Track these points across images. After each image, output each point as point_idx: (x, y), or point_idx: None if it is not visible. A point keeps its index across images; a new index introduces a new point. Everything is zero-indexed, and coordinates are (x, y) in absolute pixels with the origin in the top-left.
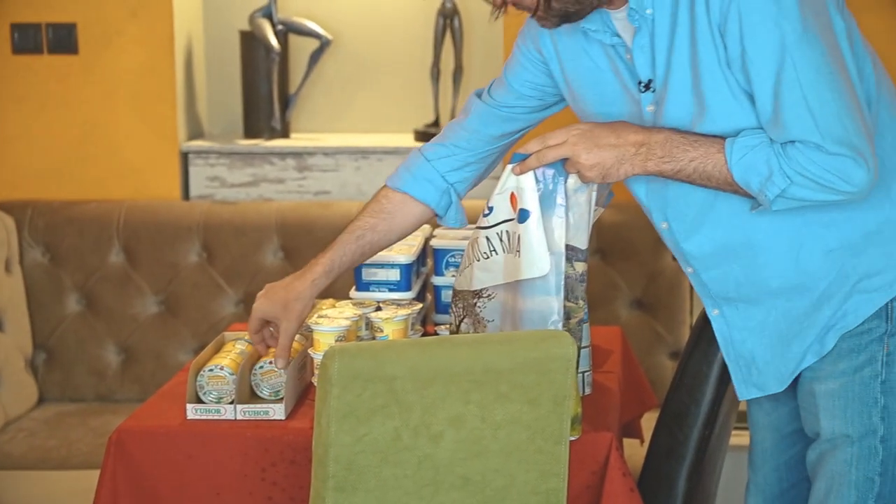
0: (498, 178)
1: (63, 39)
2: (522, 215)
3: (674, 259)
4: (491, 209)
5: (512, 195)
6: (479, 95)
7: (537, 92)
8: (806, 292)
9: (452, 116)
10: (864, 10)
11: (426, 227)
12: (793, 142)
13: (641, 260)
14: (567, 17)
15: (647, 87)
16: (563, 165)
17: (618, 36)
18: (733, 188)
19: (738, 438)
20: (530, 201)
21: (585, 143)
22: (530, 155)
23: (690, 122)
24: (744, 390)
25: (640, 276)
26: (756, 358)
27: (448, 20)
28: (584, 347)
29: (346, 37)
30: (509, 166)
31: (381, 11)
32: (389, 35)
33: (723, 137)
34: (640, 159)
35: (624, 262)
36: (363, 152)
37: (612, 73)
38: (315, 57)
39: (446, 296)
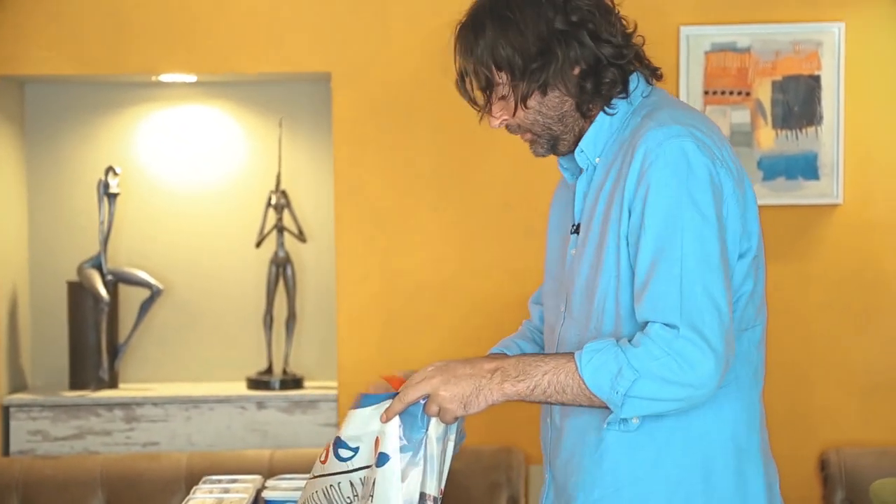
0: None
1: None
2: (381, 459)
3: None
4: (356, 450)
5: (377, 439)
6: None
7: None
8: None
9: (286, 363)
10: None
11: (258, 477)
12: (644, 328)
13: None
14: (554, 143)
15: (576, 230)
16: (424, 408)
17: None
18: (588, 397)
19: None
20: (391, 446)
21: (443, 375)
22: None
23: (587, 280)
24: None
25: None
26: None
27: (281, 268)
28: None
29: (177, 285)
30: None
31: (214, 260)
32: (222, 283)
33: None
34: (496, 383)
35: None
36: (194, 401)
37: (571, 211)
38: (146, 306)
39: None
